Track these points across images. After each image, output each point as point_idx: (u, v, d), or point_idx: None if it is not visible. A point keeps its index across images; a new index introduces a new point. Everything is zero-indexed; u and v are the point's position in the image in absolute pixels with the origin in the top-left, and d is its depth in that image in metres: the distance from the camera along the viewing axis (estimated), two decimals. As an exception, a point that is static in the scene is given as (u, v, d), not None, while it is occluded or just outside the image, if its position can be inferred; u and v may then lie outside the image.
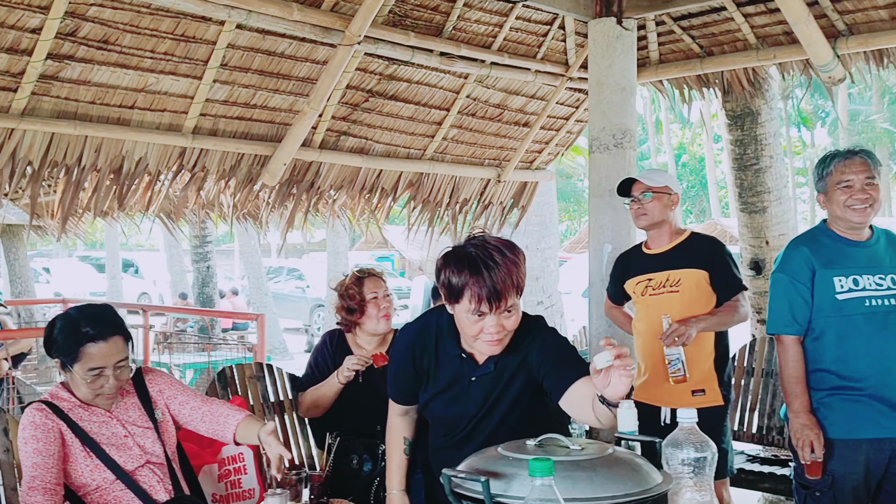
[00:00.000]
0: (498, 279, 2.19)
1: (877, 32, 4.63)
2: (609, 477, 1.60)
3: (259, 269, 16.38)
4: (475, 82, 5.20)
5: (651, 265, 3.96)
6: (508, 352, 2.37)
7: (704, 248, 3.89)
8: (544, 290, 9.05)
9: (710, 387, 3.78)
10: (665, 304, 3.85)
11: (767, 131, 5.62)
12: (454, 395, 2.45)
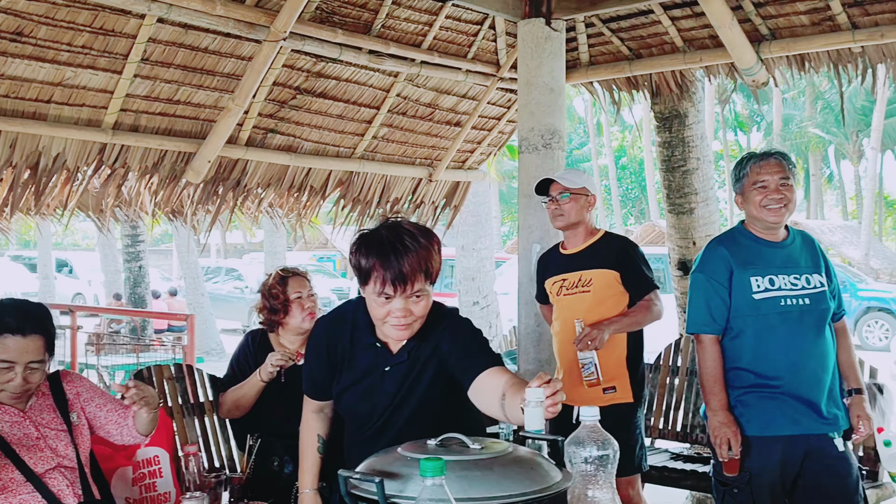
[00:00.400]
0: (405, 263, 2.20)
1: (798, 37, 4.73)
2: (505, 476, 1.59)
3: (196, 269, 16.14)
4: (405, 81, 5.18)
5: (566, 265, 4.00)
6: (421, 341, 2.37)
7: (615, 249, 3.94)
8: (480, 290, 9.07)
9: (621, 384, 3.84)
10: (578, 304, 3.89)
11: (695, 133, 5.69)
12: (368, 386, 2.43)
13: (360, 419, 2.48)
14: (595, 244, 3.97)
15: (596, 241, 3.98)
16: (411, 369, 2.38)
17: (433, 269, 2.26)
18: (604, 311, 3.85)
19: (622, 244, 4.01)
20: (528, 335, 4.71)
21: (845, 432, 3.28)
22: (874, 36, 4.49)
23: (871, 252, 26.26)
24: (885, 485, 4.12)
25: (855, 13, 4.48)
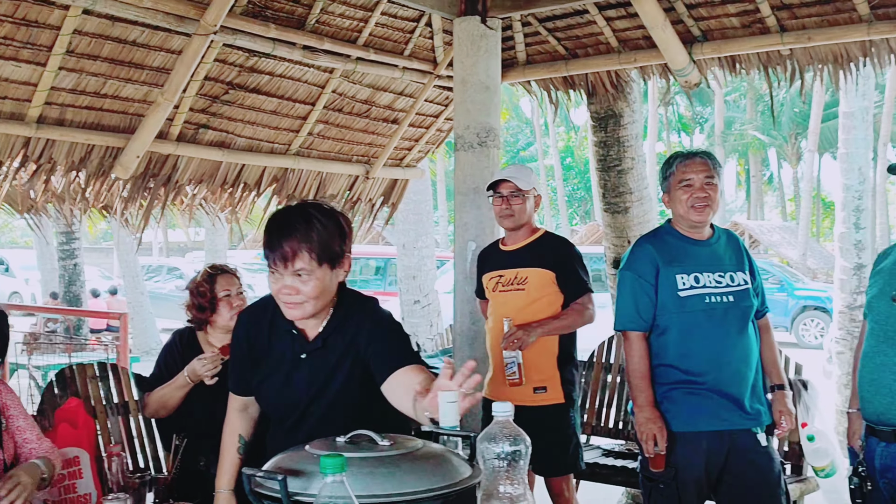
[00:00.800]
0: (289, 240, 2.22)
1: (729, 39, 4.79)
2: (412, 472, 1.58)
3: (135, 267, 15.87)
4: (341, 77, 5.14)
5: (504, 262, 4.04)
6: (338, 329, 2.36)
7: (553, 249, 3.98)
8: (421, 288, 9.06)
9: (552, 385, 3.87)
10: (512, 301, 3.92)
11: (630, 133, 5.74)
12: (285, 375, 2.41)
13: (278, 412, 2.46)
14: (534, 243, 4.01)
15: (535, 239, 4.02)
16: (327, 358, 2.36)
17: (328, 249, 2.25)
18: (537, 310, 3.87)
19: (561, 245, 4.04)
20: (463, 333, 4.71)
21: (768, 427, 3.34)
22: (802, 39, 4.57)
23: (808, 252, 26.86)
24: (808, 479, 4.21)
25: (783, 16, 4.56)
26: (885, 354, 2.88)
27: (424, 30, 5.27)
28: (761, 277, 3.46)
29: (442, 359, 5.01)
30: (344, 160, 5.67)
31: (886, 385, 2.84)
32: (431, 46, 5.41)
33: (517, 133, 46.88)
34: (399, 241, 9.22)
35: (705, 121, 41.68)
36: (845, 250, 8.51)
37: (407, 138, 5.93)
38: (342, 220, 2.34)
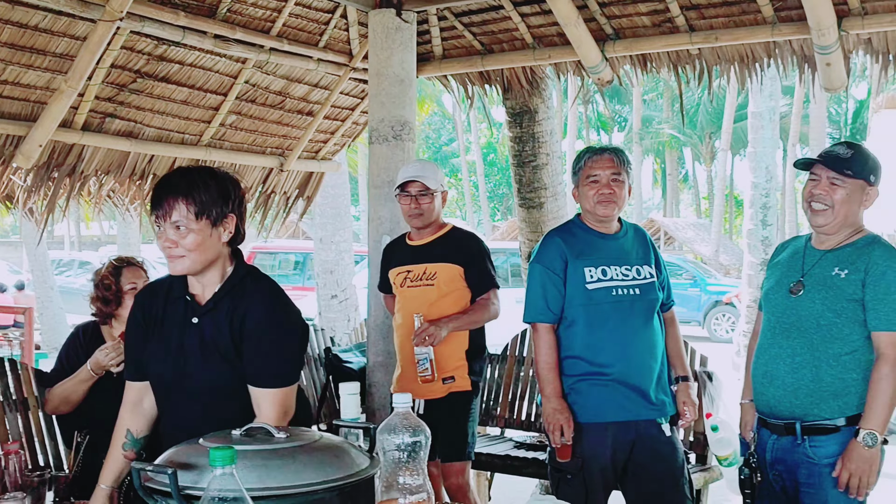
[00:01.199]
0: (169, 194, 2.30)
1: (640, 38, 4.87)
2: (307, 464, 1.56)
3: (44, 261, 15.38)
4: (254, 68, 5.06)
5: (411, 257, 4.05)
6: (231, 293, 2.38)
7: (461, 244, 4.01)
8: (339, 283, 9.00)
9: (459, 374, 3.93)
10: (421, 297, 3.94)
11: (545, 129, 5.80)
12: (176, 346, 2.40)
13: (166, 387, 2.43)
14: (442, 238, 4.03)
15: (443, 234, 4.04)
16: (218, 323, 2.36)
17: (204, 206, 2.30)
18: (447, 306, 3.91)
19: (469, 240, 4.07)
20: (377, 327, 4.69)
21: (672, 418, 3.42)
22: (709, 39, 4.68)
23: (720, 249, 27.60)
24: (712, 468, 4.32)
25: (692, 16, 4.66)
26: (779, 346, 2.94)
27: (340, 21, 5.23)
28: (667, 271, 3.54)
29: (355, 352, 4.99)
30: (257, 152, 5.60)
31: (780, 377, 2.91)
32: (347, 38, 5.37)
33: (439, 128, 46.98)
34: (316, 235, 9.15)
35: (624, 119, 42.44)
36: (753, 246, 8.78)
37: (322, 131, 5.88)
38: (229, 184, 2.38)
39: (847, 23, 4.29)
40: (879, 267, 2.84)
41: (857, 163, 2.90)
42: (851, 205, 2.91)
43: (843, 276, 2.87)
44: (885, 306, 2.81)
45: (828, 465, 2.84)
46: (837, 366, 2.86)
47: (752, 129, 9.01)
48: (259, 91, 5.25)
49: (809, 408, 2.85)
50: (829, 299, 2.88)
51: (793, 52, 4.63)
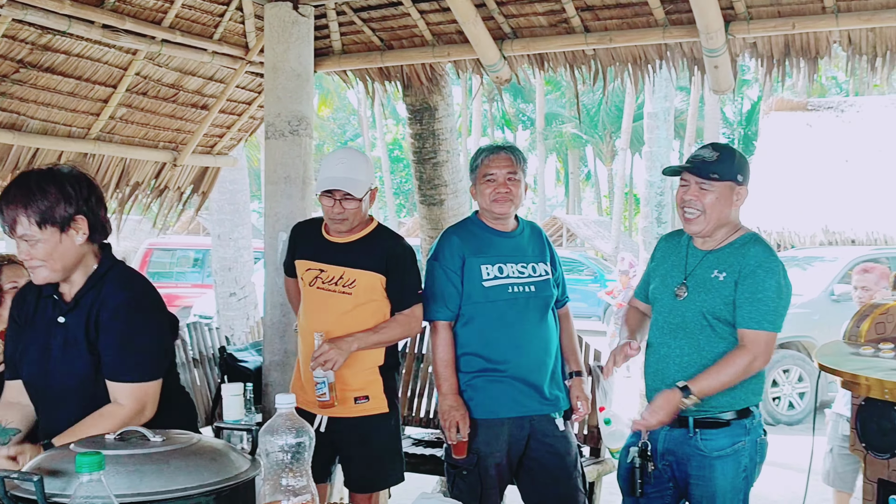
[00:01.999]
0: (9, 207, 2.27)
1: (538, 38, 4.93)
2: (183, 469, 1.52)
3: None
4: (145, 60, 4.92)
5: (329, 255, 3.49)
6: (93, 288, 2.33)
7: (386, 250, 3.47)
8: (237, 281, 8.84)
9: (373, 392, 3.48)
10: (333, 304, 3.44)
11: (445, 126, 5.82)
12: (42, 345, 2.34)
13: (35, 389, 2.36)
14: (365, 239, 3.48)
15: (367, 234, 3.50)
16: (80, 321, 2.30)
17: (46, 214, 2.25)
18: (362, 318, 3.42)
19: (394, 245, 3.49)
20: (273, 326, 4.62)
21: (566, 412, 3.47)
22: (604, 40, 4.77)
23: (620, 245, 28.22)
24: (605, 461, 4.40)
25: (587, 17, 4.73)
26: (668, 346, 3.00)
27: (235, 14, 5.12)
28: (562, 268, 3.59)
29: (251, 351, 4.91)
30: (150, 146, 5.44)
31: (670, 376, 2.96)
32: (243, 31, 5.26)
33: (344, 124, 46.69)
34: (214, 231, 8.97)
35: (528, 118, 42.98)
36: (648, 243, 9.00)
37: (218, 125, 5.76)
38: (70, 183, 2.30)
39: (734, 27, 4.43)
40: (750, 266, 2.90)
41: (723, 165, 2.94)
42: (722, 207, 2.95)
43: (722, 279, 2.93)
44: (751, 305, 2.86)
45: (718, 458, 2.91)
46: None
47: (647, 129, 9.23)
48: (151, 83, 5.10)
49: (700, 403, 2.89)
50: (709, 301, 2.93)
51: (683, 55, 4.75)
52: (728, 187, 2.94)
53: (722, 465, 2.91)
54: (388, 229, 3.63)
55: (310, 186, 4.64)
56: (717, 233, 3.00)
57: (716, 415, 2.92)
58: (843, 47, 4.46)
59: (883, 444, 2.49)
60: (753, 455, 2.96)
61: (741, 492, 2.95)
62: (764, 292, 2.86)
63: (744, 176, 2.98)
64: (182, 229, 22.43)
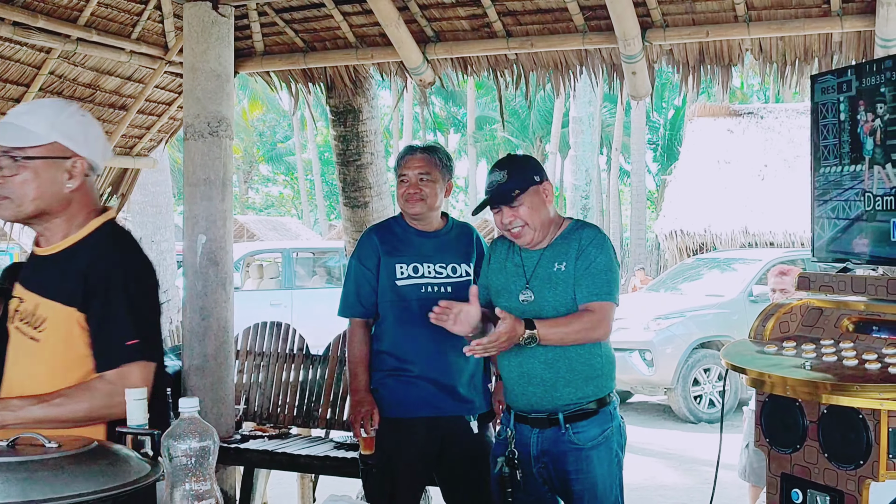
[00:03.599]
0: None
1: (461, 41, 4.97)
2: (78, 474, 1.49)
3: None
4: (60, 58, 4.80)
5: (28, 277, 2.28)
6: None
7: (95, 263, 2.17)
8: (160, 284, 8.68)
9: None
10: (21, 355, 2.20)
11: (369, 129, 5.81)
12: None
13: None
14: (76, 247, 2.21)
15: (81, 238, 2.22)
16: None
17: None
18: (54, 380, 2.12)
19: (107, 256, 2.18)
20: (192, 330, 4.56)
21: (484, 415, 3.49)
22: (525, 45, 4.83)
23: (550, 248, 28.41)
24: (526, 461, 4.43)
25: (509, 22, 4.79)
26: (530, 348, 2.94)
27: (154, 13, 5.04)
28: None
29: (170, 356, 4.82)
30: (65, 147, 5.30)
31: (538, 375, 2.94)
32: (162, 31, 5.18)
33: (274, 126, 46.20)
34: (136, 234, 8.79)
35: (460, 122, 43.14)
36: (573, 246, 9.12)
37: (137, 126, 5.66)
38: None
39: (650, 34, 4.53)
40: (582, 244, 2.94)
41: (516, 180, 2.94)
42: (539, 211, 2.96)
43: (563, 269, 2.94)
44: (588, 279, 2.91)
45: (592, 448, 2.92)
46: (585, 352, 2.96)
47: (573, 133, 9.38)
48: (66, 83, 4.99)
49: (568, 397, 2.93)
50: (558, 295, 2.94)
51: (602, 61, 4.84)
52: (533, 192, 2.95)
53: (597, 455, 2.93)
54: (117, 226, 2.34)
55: (230, 188, 4.59)
56: (547, 234, 3.02)
57: (584, 405, 2.95)
58: (754, 55, 4.60)
59: (786, 439, 2.55)
60: (620, 440, 3.02)
61: (617, 477, 2.99)
62: (597, 266, 2.92)
63: (539, 174, 2.99)
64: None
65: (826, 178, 2.88)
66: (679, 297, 10.89)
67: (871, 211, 2.69)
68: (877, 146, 2.65)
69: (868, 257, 2.74)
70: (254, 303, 11.79)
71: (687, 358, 9.81)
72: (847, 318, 2.67)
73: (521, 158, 3.11)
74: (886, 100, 2.61)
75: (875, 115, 2.65)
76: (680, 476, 7.54)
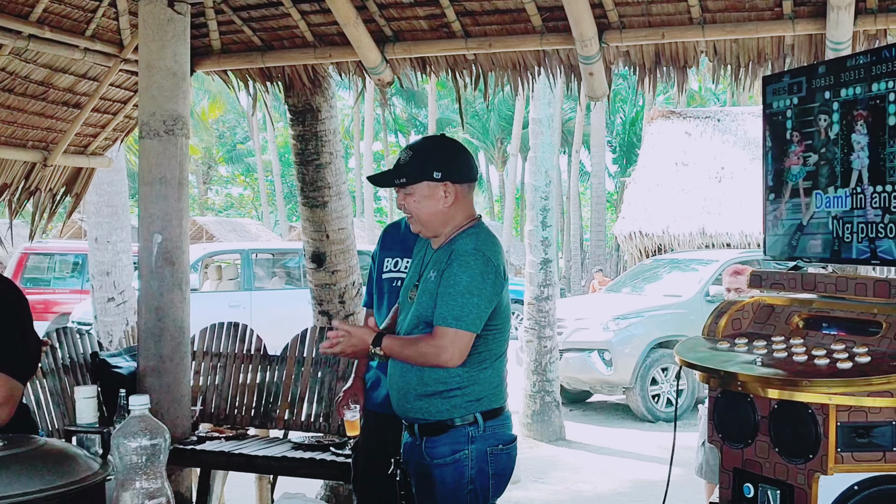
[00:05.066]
0: None
1: (419, 41, 4.97)
2: (24, 473, 1.47)
3: None
4: (11, 55, 4.72)
5: None
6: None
7: None
8: (116, 285, 8.57)
9: None
10: None
11: (328, 128, 5.79)
12: None
13: None
14: None
15: None
16: None
17: None
18: None
19: None
20: (148, 330, 4.50)
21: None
22: (483, 45, 4.85)
23: (511, 249, 28.65)
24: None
25: (467, 22, 4.79)
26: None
27: (108, 10, 4.97)
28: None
29: (125, 357, 4.77)
30: (17, 145, 5.23)
31: (394, 380, 2.89)
32: (117, 28, 5.11)
33: (234, 126, 45.83)
34: (91, 234, 8.68)
35: (420, 122, 43.14)
36: (533, 247, 9.16)
37: (91, 124, 5.58)
38: None
39: (607, 35, 4.57)
40: (451, 258, 2.76)
41: (410, 166, 2.82)
42: (429, 207, 2.82)
43: (433, 279, 2.80)
44: (441, 300, 2.72)
45: (437, 466, 2.76)
46: (439, 368, 2.75)
47: (532, 134, 9.39)
48: (18, 80, 4.90)
49: (420, 409, 2.78)
50: (424, 302, 2.80)
51: (560, 62, 4.86)
52: (426, 187, 2.80)
53: (440, 474, 2.74)
54: None
55: (186, 187, 4.55)
56: (442, 231, 2.87)
57: (435, 420, 2.76)
58: (709, 57, 4.66)
59: (738, 434, 2.59)
60: (484, 466, 2.76)
61: (462, 495, 2.75)
62: (454, 287, 2.70)
63: (443, 172, 2.80)
64: (63, 234, 21.61)
65: (776, 177, 2.93)
66: (637, 298, 10.99)
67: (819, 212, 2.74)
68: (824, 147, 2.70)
69: (818, 256, 2.79)
70: (212, 304, 11.67)
71: (645, 357, 9.91)
72: (797, 315, 2.71)
73: (436, 150, 2.89)
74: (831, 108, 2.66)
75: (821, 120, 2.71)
76: (639, 474, 7.60)
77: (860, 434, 2.30)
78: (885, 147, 2.50)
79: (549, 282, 9.11)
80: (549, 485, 7.21)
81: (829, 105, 2.70)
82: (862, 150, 2.58)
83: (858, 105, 2.59)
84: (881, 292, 2.50)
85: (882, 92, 2.50)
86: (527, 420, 8.93)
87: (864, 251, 2.62)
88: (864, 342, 2.41)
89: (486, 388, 2.78)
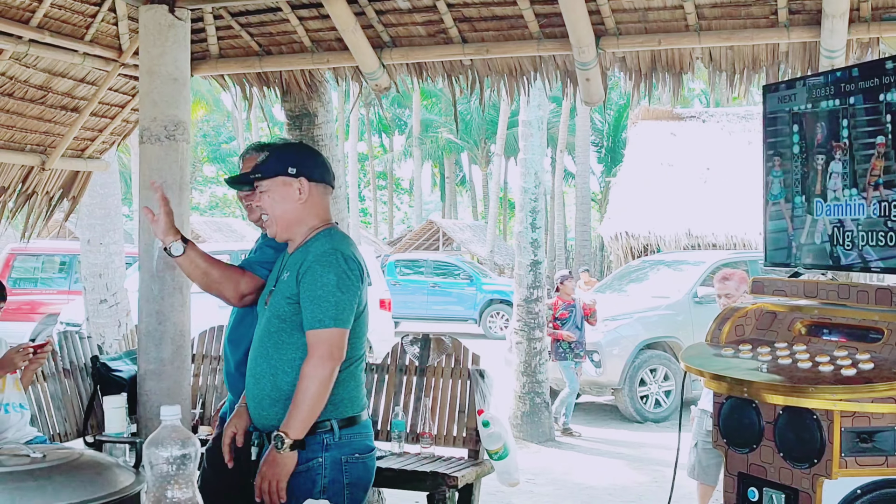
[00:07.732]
0: None
1: (416, 47, 5.00)
2: (66, 484, 1.50)
3: None
4: (11, 59, 4.72)
5: None
6: None
7: None
8: (108, 287, 8.57)
9: None
10: None
11: (325, 133, 5.82)
12: None
13: None
14: None
15: None
16: None
17: None
18: None
19: None
20: (148, 334, 4.51)
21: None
22: (481, 51, 4.88)
23: (495, 249, 28.72)
24: (484, 462, 4.50)
25: (464, 28, 4.83)
26: (252, 358, 2.85)
27: (108, 15, 4.97)
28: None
29: (125, 360, 4.79)
30: (15, 149, 5.22)
31: (249, 389, 2.83)
32: (116, 33, 5.12)
33: (219, 127, 45.70)
34: (84, 236, 8.67)
35: (404, 123, 43.15)
36: (523, 248, 9.22)
37: (89, 128, 5.58)
38: None
39: (604, 42, 4.62)
40: (308, 262, 2.71)
41: (266, 164, 2.81)
42: (283, 205, 2.78)
43: (286, 279, 2.75)
44: (312, 304, 2.65)
45: (292, 475, 2.62)
46: (293, 371, 2.69)
47: (522, 136, 9.46)
48: (17, 84, 4.89)
49: (276, 416, 2.68)
50: (276, 305, 2.76)
51: (557, 67, 4.91)
52: (280, 183, 2.77)
53: (294, 483, 2.61)
54: None
55: (187, 192, 4.57)
56: (296, 233, 2.83)
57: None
58: (704, 63, 4.72)
59: (742, 439, 2.65)
60: (338, 476, 2.66)
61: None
62: (323, 288, 2.65)
63: (298, 167, 2.77)
64: (48, 234, 21.50)
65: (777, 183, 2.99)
66: (626, 299, 11.07)
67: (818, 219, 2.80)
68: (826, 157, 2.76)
69: (818, 264, 2.85)
70: (201, 304, 11.64)
71: (634, 359, 9.98)
72: (800, 321, 2.77)
73: (289, 149, 2.88)
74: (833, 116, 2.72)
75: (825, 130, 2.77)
76: (628, 475, 7.68)
77: (863, 439, 2.36)
78: (890, 158, 2.56)
79: (538, 283, 9.18)
80: (539, 486, 7.26)
81: (831, 113, 2.76)
82: (864, 159, 2.65)
83: (862, 113, 2.65)
84: (882, 300, 2.57)
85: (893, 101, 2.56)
86: (516, 421, 8.99)
87: (864, 259, 2.68)
88: (866, 349, 2.48)
89: (342, 391, 2.70)
